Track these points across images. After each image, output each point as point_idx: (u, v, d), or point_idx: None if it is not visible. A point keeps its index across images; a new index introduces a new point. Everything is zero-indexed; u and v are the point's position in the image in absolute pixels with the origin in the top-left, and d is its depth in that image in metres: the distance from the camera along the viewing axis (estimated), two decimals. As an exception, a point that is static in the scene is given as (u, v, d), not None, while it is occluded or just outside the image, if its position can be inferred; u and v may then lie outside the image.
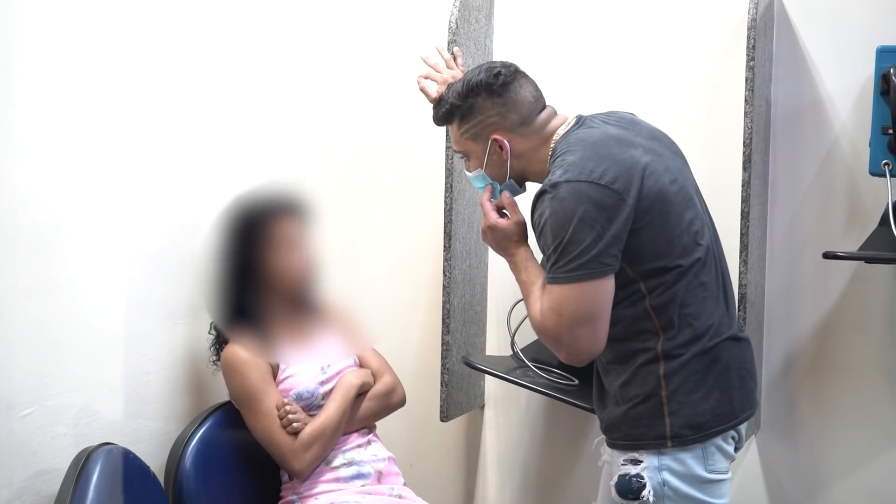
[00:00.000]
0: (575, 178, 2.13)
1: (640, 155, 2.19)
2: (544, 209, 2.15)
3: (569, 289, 2.12)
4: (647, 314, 2.18)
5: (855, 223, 2.76)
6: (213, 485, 2.58)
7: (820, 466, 2.88)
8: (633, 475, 2.19)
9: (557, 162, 2.20)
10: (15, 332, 2.27)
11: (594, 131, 2.25)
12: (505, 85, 2.28)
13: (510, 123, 2.29)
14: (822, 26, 2.78)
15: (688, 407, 2.18)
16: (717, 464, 2.21)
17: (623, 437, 2.23)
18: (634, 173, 2.15)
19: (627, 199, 2.12)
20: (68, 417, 2.40)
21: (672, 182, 2.20)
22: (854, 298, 2.80)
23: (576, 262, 2.10)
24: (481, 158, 2.33)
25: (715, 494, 2.22)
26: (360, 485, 2.63)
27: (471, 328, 3.07)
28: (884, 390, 2.79)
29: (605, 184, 2.12)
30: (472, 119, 2.31)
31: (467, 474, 3.31)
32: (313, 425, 2.58)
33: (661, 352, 2.19)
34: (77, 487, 2.23)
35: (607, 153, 2.17)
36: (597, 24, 2.99)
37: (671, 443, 2.17)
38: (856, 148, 2.74)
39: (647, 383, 2.20)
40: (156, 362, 2.64)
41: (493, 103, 2.28)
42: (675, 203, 2.19)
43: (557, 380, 2.79)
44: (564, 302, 2.13)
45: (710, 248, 2.25)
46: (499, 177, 2.34)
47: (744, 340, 2.29)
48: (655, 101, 2.84)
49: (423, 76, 2.78)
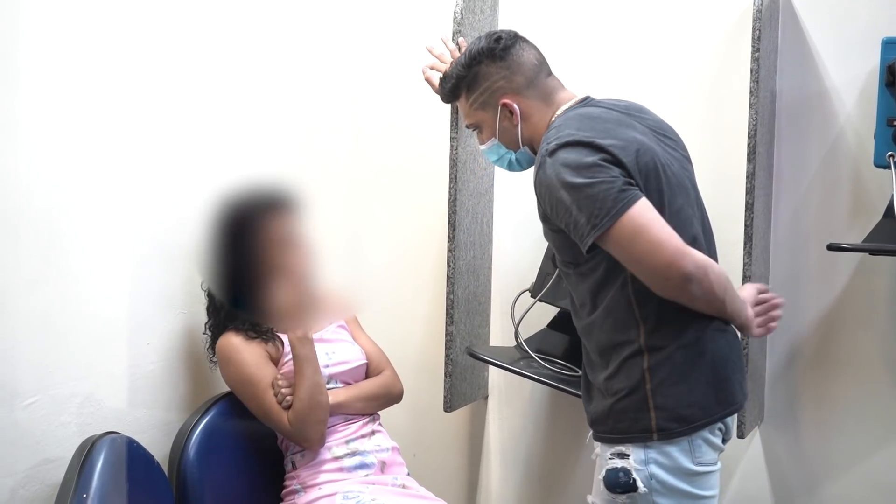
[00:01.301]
0: (572, 140, 2.12)
1: (636, 135, 2.18)
2: (549, 178, 2.12)
3: (619, 226, 2.07)
4: (630, 302, 2.16)
5: (859, 215, 2.74)
6: (217, 474, 2.58)
7: (823, 458, 2.86)
8: (621, 469, 2.17)
9: (552, 133, 2.19)
10: (19, 322, 2.27)
11: (595, 110, 2.25)
12: (506, 49, 2.29)
13: (516, 86, 2.29)
14: (827, 18, 2.76)
15: (672, 400, 2.16)
16: (705, 456, 2.19)
17: (609, 430, 2.21)
18: (629, 148, 2.14)
19: (623, 162, 2.11)
20: (72, 406, 2.40)
21: (667, 166, 2.19)
22: (858, 290, 2.78)
23: (609, 201, 2.06)
24: (493, 127, 2.33)
25: (703, 486, 2.20)
26: (364, 475, 2.63)
27: (475, 319, 3.06)
28: (887, 382, 2.78)
29: (602, 146, 2.11)
30: (479, 87, 2.30)
31: (471, 464, 3.30)
32: (296, 405, 2.55)
33: (644, 344, 2.16)
34: (81, 476, 2.23)
35: (604, 127, 2.17)
36: (602, 14, 2.98)
37: (657, 436, 2.15)
38: (860, 139, 2.72)
39: (632, 377, 2.18)
40: (159, 352, 2.63)
41: (497, 68, 2.29)
42: (665, 187, 2.17)
43: (561, 370, 2.78)
44: (632, 236, 2.07)
45: (698, 240, 2.22)
46: (511, 144, 2.34)
47: (729, 333, 2.25)
48: (661, 93, 2.82)
49: (429, 66, 2.78)
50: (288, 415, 2.56)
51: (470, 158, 2.94)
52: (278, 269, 2.54)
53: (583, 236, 2.10)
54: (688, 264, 2.06)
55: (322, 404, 2.59)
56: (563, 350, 2.86)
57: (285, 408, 2.56)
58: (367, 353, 2.79)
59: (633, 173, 2.12)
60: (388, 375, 2.80)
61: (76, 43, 2.36)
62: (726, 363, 2.21)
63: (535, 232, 3.04)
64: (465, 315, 2.98)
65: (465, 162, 2.91)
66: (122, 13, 2.47)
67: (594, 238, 2.08)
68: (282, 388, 2.57)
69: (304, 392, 2.55)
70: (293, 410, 2.56)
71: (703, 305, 2.14)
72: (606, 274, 2.16)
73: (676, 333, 2.16)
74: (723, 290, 2.14)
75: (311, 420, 2.56)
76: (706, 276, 2.09)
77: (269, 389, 2.57)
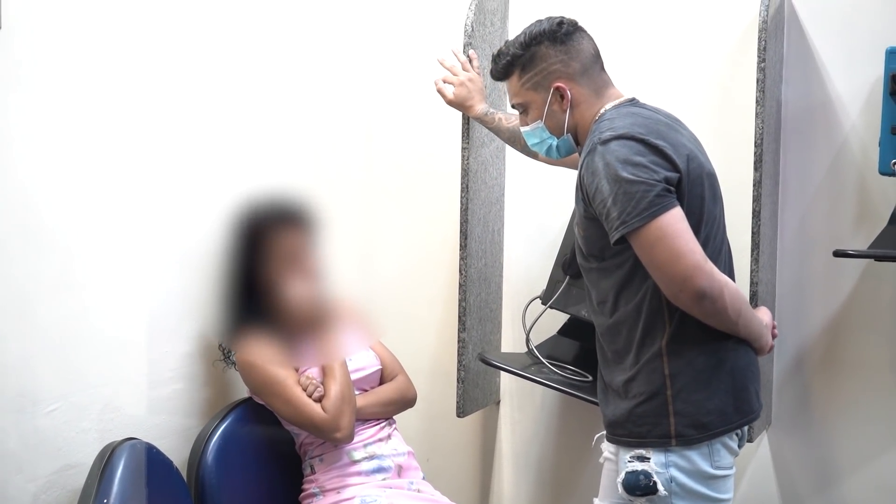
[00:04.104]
0: (626, 134, 2.10)
1: (685, 141, 2.17)
2: (596, 164, 2.10)
3: (647, 229, 2.04)
4: (661, 305, 2.13)
5: (865, 222, 2.73)
6: (235, 479, 2.57)
7: (830, 461, 2.85)
8: (641, 471, 2.14)
9: (605, 124, 2.16)
10: (41, 331, 2.28)
11: (644, 111, 2.23)
12: (568, 34, 2.26)
13: (572, 71, 2.25)
14: (831, 28, 2.75)
15: (692, 406, 2.14)
16: (723, 460, 2.17)
17: (628, 434, 2.19)
18: (681, 151, 2.12)
19: (676, 163, 2.09)
20: (93, 413, 2.40)
21: (708, 175, 2.18)
22: (864, 296, 2.77)
23: (644, 202, 2.04)
24: (541, 109, 2.28)
25: (721, 490, 2.18)
26: (381, 478, 2.62)
27: (486, 326, 3.04)
28: (893, 386, 2.76)
29: (655, 145, 2.09)
30: (535, 67, 2.26)
31: (483, 469, 3.29)
32: (332, 393, 2.54)
33: (664, 348, 2.14)
34: (102, 481, 2.23)
35: (656, 128, 2.14)
36: (610, 26, 2.96)
37: (675, 441, 2.13)
38: (865, 148, 2.71)
39: (653, 381, 2.15)
40: (178, 359, 2.63)
41: (556, 51, 2.25)
42: (708, 194, 2.16)
43: (572, 376, 2.78)
44: (655, 242, 2.05)
45: (723, 250, 2.22)
46: (556, 129, 2.29)
47: (746, 342, 2.22)
48: (669, 102, 2.77)
49: (442, 79, 2.77)
50: (323, 404, 2.53)
51: (481, 168, 2.94)
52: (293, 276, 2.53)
53: (612, 229, 2.08)
54: (703, 281, 2.04)
55: (353, 397, 2.59)
56: (574, 356, 2.86)
57: (316, 399, 2.54)
58: (381, 359, 2.78)
59: (684, 175, 2.10)
60: (402, 381, 2.79)
61: (98, 58, 2.36)
62: (745, 372, 2.19)
63: (545, 240, 3.06)
64: (477, 322, 2.97)
65: (476, 172, 2.90)
66: (148, 31, 2.49)
67: (621, 234, 2.06)
68: (312, 380, 2.56)
69: (337, 382, 2.55)
70: (329, 398, 2.53)
71: (715, 323, 2.12)
72: (632, 272, 2.14)
73: (698, 340, 2.14)
74: (737, 313, 2.11)
75: (346, 407, 2.55)
76: (720, 296, 2.07)
77: (296, 386, 2.55)
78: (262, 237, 2.53)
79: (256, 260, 2.53)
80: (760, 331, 2.20)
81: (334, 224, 2.63)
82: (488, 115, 2.75)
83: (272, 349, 2.56)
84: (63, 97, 2.29)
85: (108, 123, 2.40)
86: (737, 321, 2.12)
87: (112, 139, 2.41)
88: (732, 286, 2.11)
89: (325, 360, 2.59)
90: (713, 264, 2.07)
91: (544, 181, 3.00)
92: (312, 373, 2.60)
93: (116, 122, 2.42)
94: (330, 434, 2.55)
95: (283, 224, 2.56)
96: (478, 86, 2.78)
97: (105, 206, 2.40)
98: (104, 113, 2.39)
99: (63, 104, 2.29)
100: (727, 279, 2.11)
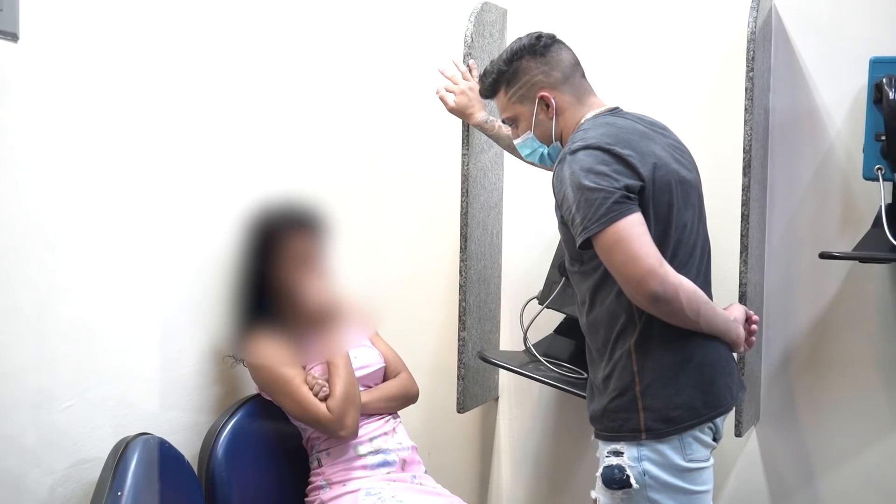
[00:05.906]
0: (593, 144, 2.14)
1: (656, 150, 2.19)
2: (564, 173, 2.15)
3: (604, 234, 2.08)
4: (631, 305, 2.15)
5: (849, 225, 2.74)
6: (244, 472, 2.58)
7: (816, 455, 2.86)
8: (616, 465, 2.17)
9: (579, 135, 2.21)
10: (57, 329, 2.27)
11: (621, 120, 2.26)
12: (546, 46, 2.31)
13: (554, 80, 2.30)
14: (817, 39, 2.76)
15: (660, 402, 2.15)
16: (696, 453, 2.18)
17: (604, 428, 2.22)
18: (647, 160, 2.15)
19: (639, 172, 2.12)
20: (107, 409, 2.40)
21: (680, 183, 2.20)
22: (849, 296, 2.78)
23: (602, 209, 2.07)
24: (529, 119, 2.33)
25: (696, 482, 2.19)
26: (386, 472, 2.63)
27: (486, 325, 3.06)
28: (877, 383, 2.77)
29: (620, 154, 2.12)
30: (519, 81, 2.32)
31: (482, 462, 3.30)
32: (336, 393, 2.56)
33: (633, 345, 2.16)
34: (116, 475, 2.23)
35: (627, 138, 2.17)
36: (603, 37, 2.98)
37: (645, 435, 2.15)
38: (850, 154, 2.73)
39: (624, 378, 2.18)
40: (190, 356, 2.63)
41: (536, 63, 2.30)
42: (677, 201, 2.18)
43: (567, 373, 2.79)
44: (612, 246, 2.08)
45: (695, 254, 2.23)
46: (545, 138, 2.34)
47: (716, 339, 2.23)
48: (660, 111, 2.80)
49: (443, 88, 2.79)
50: (328, 403, 2.55)
51: (480, 174, 2.95)
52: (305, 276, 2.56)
53: (576, 234, 2.13)
54: (656, 285, 2.06)
55: (357, 395, 2.61)
56: (570, 354, 2.87)
57: (322, 399, 2.56)
58: (384, 356, 2.80)
59: (648, 183, 2.12)
60: (405, 377, 2.81)
61: (115, 67, 2.37)
62: (714, 367, 2.20)
63: (542, 242, 3.07)
64: (476, 321, 2.98)
65: (476, 177, 2.92)
66: (166, 44, 2.50)
67: (583, 238, 2.11)
68: (318, 380, 2.58)
69: (342, 381, 2.57)
70: (333, 398, 2.55)
71: (676, 322, 2.14)
72: (606, 274, 2.16)
73: (665, 338, 2.16)
74: (695, 312, 2.13)
75: (350, 407, 2.56)
76: (675, 297, 2.08)
77: (303, 385, 2.56)
78: (276, 240, 2.56)
79: (269, 261, 2.56)
80: (727, 326, 2.21)
81: (341, 228, 2.65)
82: (488, 123, 2.78)
83: (281, 348, 2.58)
84: (86, 105, 2.30)
85: (127, 132, 2.41)
86: (697, 320, 2.14)
87: (128, 144, 2.42)
88: (688, 287, 2.12)
89: (330, 355, 2.60)
90: (671, 268, 2.09)
91: (541, 186, 3.00)
92: (318, 371, 2.62)
93: (133, 127, 2.42)
94: (334, 432, 2.57)
95: (296, 228, 2.59)
96: (477, 95, 2.79)
97: (121, 209, 2.40)
98: (125, 122, 2.40)
99: (85, 112, 2.30)
100: (683, 280, 2.11)
